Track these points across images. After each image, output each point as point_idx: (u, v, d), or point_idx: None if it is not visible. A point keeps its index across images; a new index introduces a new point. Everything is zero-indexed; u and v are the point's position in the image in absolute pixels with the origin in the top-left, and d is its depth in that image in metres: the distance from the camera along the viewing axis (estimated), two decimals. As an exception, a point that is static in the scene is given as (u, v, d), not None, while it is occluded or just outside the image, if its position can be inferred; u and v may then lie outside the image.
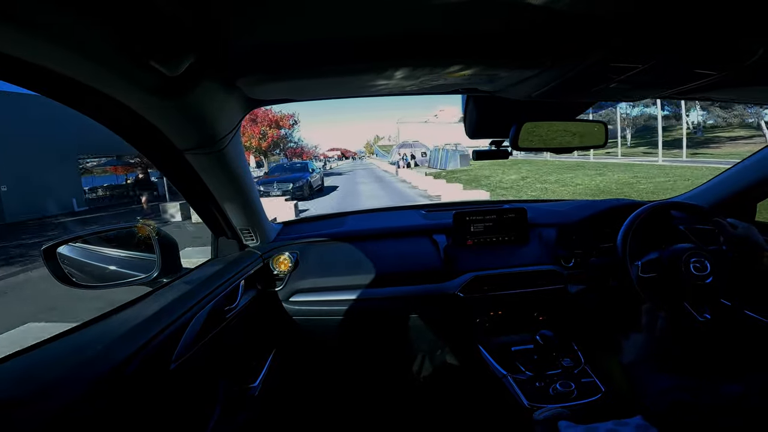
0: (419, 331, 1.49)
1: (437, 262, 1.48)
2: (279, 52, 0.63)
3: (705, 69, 0.68)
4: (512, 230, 1.54)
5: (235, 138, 0.97)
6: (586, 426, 0.76)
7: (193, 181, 1.00)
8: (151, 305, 0.84)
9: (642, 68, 0.66)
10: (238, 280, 1.17)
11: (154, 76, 0.57)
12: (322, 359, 1.59)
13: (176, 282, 1.01)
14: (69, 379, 0.58)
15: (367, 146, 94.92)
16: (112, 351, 0.66)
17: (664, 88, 0.85)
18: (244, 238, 1.36)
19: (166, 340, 0.77)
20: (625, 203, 1.55)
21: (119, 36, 0.48)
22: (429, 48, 0.64)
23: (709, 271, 1.08)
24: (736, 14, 0.51)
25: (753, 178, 1.38)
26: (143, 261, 1.03)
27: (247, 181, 1.15)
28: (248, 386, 1.19)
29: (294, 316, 1.43)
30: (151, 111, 0.70)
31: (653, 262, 1.15)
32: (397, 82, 0.80)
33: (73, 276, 0.92)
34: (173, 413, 0.83)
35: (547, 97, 0.88)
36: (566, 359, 1.26)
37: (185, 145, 0.86)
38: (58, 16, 0.41)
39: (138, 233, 1.04)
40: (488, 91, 0.93)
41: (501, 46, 0.64)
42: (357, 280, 1.43)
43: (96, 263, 1.02)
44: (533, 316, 1.45)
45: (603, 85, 0.78)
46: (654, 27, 0.54)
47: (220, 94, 0.75)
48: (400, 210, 1.92)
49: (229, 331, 1.08)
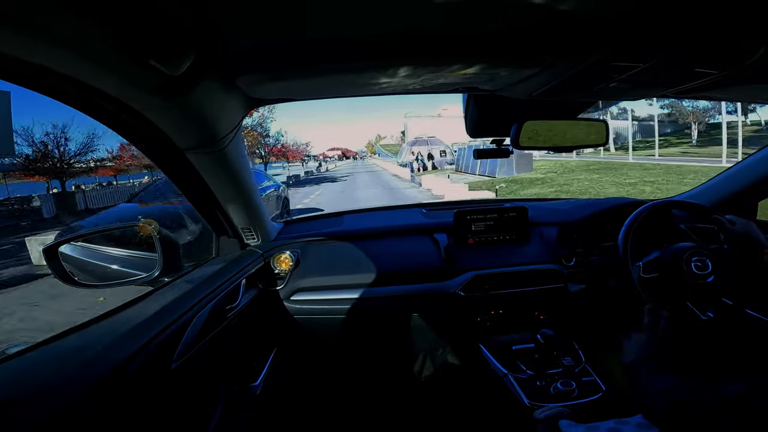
0: (420, 330, 1.49)
1: (438, 261, 1.48)
2: (278, 52, 0.63)
3: (706, 68, 0.68)
4: (513, 229, 1.53)
5: (236, 137, 0.97)
6: (587, 425, 0.77)
7: (194, 180, 1.00)
8: (152, 304, 0.84)
9: (643, 67, 0.66)
10: (239, 279, 1.18)
11: (154, 75, 0.57)
12: (323, 358, 1.60)
13: (177, 281, 1.01)
14: (70, 379, 0.58)
15: (368, 146, 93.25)
16: (113, 350, 0.66)
17: (664, 87, 0.85)
18: (245, 237, 1.37)
19: (167, 340, 0.77)
20: (626, 202, 1.55)
21: (119, 36, 0.48)
22: (429, 47, 0.64)
23: (711, 270, 1.08)
24: (736, 14, 0.50)
25: (754, 177, 1.38)
26: (144, 260, 1.03)
27: (248, 181, 1.15)
28: (249, 385, 1.20)
29: (295, 315, 1.44)
30: (152, 110, 0.70)
31: (654, 261, 1.15)
32: (397, 80, 0.80)
33: (74, 275, 0.92)
34: (175, 412, 0.83)
35: (548, 96, 0.88)
36: (567, 358, 1.26)
37: (186, 145, 0.86)
38: (59, 17, 0.41)
39: (139, 232, 1.04)
40: (489, 90, 0.93)
41: (502, 45, 0.64)
42: (358, 278, 1.43)
43: (98, 262, 1.03)
44: (534, 315, 1.45)
45: (604, 84, 0.78)
46: (654, 26, 0.54)
47: (221, 94, 0.76)
48: (401, 209, 1.92)
49: (231, 330, 1.09)
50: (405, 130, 42.86)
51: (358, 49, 0.63)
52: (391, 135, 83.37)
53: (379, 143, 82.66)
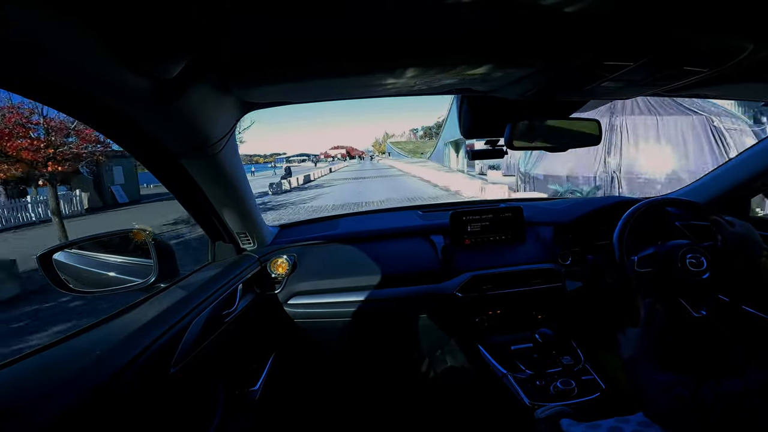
0: (418, 331, 1.49)
1: (435, 263, 1.48)
2: (271, 55, 0.63)
3: (695, 66, 0.68)
4: (509, 229, 1.54)
5: (231, 142, 0.97)
6: (588, 423, 0.77)
7: (188, 185, 1.00)
8: (149, 310, 0.84)
9: (633, 66, 0.67)
10: (236, 284, 1.17)
11: (147, 79, 0.57)
12: (322, 361, 1.59)
13: (173, 287, 1.01)
14: (68, 385, 0.57)
15: (375, 145, 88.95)
16: (110, 356, 0.66)
17: (655, 86, 0.85)
18: (242, 242, 1.36)
19: (165, 345, 0.77)
20: (621, 200, 1.56)
21: (111, 39, 0.47)
22: (422, 50, 0.64)
23: (705, 267, 1.09)
24: (724, 12, 0.51)
25: (747, 174, 1.40)
26: (140, 266, 1.02)
27: (244, 185, 1.14)
28: (248, 390, 1.19)
29: (293, 319, 1.43)
30: (145, 115, 0.70)
31: (649, 257, 1.15)
32: (389, 83, 0.80)
33: (69, 282, 0.91)
34: (173, 418, 0.83)
35: (541, 96, 0.89)
36: (566, 357, 1.27)
37: (180, 150, 0.86)
38: (47, 21, 0.41)
39: (134, 238, 1.03)
40: (482, 91, 0.94)
41: (493, 46, 0.64)
42: (355, 281, 1.43)
43: (92, 269, 1.01)
44: (532, 314, 1.45)
45: (595, 84, 0.79)
46: (643, 25, 0.55)
47: (214, 97, 0.75)
48: (397, 211, 1.92)
49: (228, 335, 1.08)
50: (444, 119, 34.79)
51: (351, 52, 0.63)
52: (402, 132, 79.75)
53: (388, 140, 77.88)
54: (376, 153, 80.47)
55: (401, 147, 57.36)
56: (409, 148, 67.38)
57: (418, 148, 72.44)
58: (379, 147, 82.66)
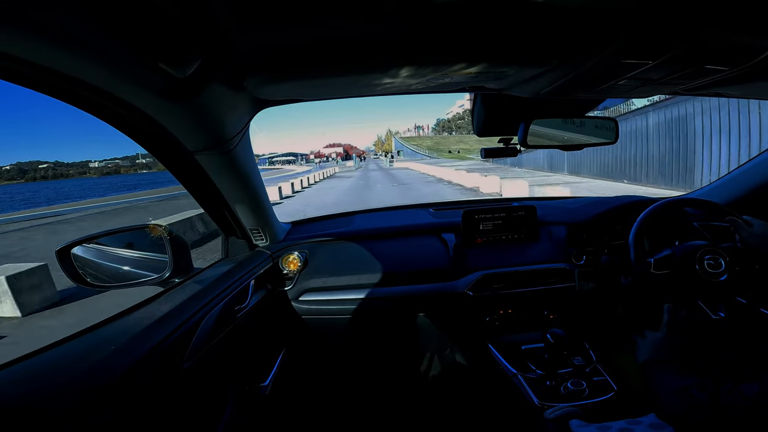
0: (429, 329, 1.49)
1: (446, 261, 1.47)
2: (284, 53, 0.63)
3: (717, 65, 0.67)
4: (522, 228, 1.53)
5: (245, 139, 0.98)
6: (599, 425, 0.76)
7: (203, 182, 1.01)
8: (163, 305, 0.85)
9: (652, 64, 0.65)
10: (248, 280, 1.18)
11: (163, 77, 0.58)
12: (332, 358, 1.60)
13: (188, 282, 1.02)
14: (84, 380, 0.59)
15: (377, 144, 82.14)
16: (126, 351, 0.67)
17: (674, 85, 0.83)
18: (254, 238, 1.38)
19: (178, 340, 0.78)
20: (637, 200, 1.53)
21: (128, 39, 0.48)
22: (436, 46, 0.64)
23: (724, 269, 1.06)
24: (746, 11, 0.50)
25: None
26: (155, 261, 1.04)
27: (257, 182, 1.16)
28: (259, 385, 1.20)
29: (303, 315, 1.44)
30: (161, 113, 0.71)
31: (666, 259, 1.13)
32: (403, 80, 0.80)
33: (87, 276, 0.94)
34: (186, 412, 0.84)
35: (556, 94, 0.87)
36: (577, 358, 1.25)
37: (195, 147, 0.87)
38: (67, 20, 0.42)
39: (150, 234, 1.05)
40: (496, 89, 0.93)
41: (508, 44, 0.63)
42: (366, 279, 1.44)
43: (109, 264, 1.04)
44: (543, 314, 1.44)
45: (612, 82, 0.77)
46: (663, 23, 0.54)
47: (229, 95, 0.76)
48: (408, 209, 1.92)
49: (240, 331, 1.10)
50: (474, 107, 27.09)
51: (365, 49, 0.63)
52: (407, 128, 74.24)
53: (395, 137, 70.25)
54: (380, 152, 70.44)
55: (417, 144, 47.82)
56: (428, 145, 59.21)
57: (438, 145, 65.46)
58: (382, 146, 75.58)
